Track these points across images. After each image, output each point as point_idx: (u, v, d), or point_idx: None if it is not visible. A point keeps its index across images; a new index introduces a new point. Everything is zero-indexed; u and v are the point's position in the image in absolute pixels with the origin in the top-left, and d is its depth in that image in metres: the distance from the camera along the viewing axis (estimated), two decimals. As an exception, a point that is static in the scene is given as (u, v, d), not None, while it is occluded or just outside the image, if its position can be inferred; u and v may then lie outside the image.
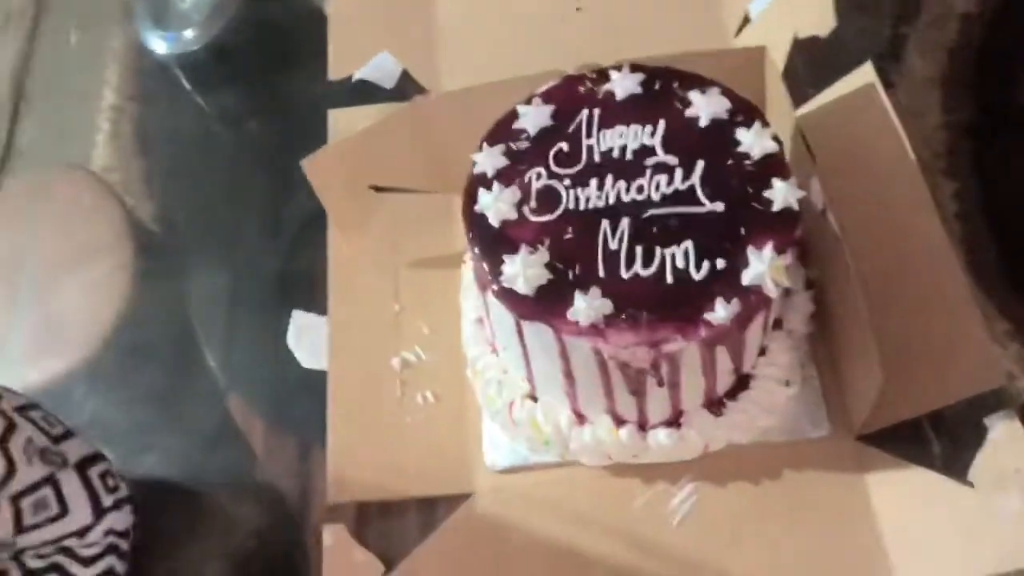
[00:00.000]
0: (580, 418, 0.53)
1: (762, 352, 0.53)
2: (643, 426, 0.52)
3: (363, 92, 0.71)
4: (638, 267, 0.47)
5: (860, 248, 0.52)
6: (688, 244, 0.47)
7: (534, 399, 0.54)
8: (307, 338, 0.63)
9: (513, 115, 0.53)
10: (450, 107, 0.61)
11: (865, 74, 0.62)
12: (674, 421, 0.52)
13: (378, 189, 0.65)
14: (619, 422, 0.52)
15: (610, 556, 0.53)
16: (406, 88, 0.71)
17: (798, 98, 0.63)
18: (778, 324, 0.54)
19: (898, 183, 0.59)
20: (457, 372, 0.59)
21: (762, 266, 0.46)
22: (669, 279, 0.46)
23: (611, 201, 0.49)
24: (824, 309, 0.56)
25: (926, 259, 0.56)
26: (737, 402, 0.52)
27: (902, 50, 0.95)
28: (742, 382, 0.53)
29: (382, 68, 0.73)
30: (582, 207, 0.49)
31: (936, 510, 0.51)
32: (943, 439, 0.53)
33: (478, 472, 0.57)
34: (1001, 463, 0.50)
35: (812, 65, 0.67)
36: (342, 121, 0.67)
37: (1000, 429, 0.50)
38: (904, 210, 0.58)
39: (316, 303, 0.63)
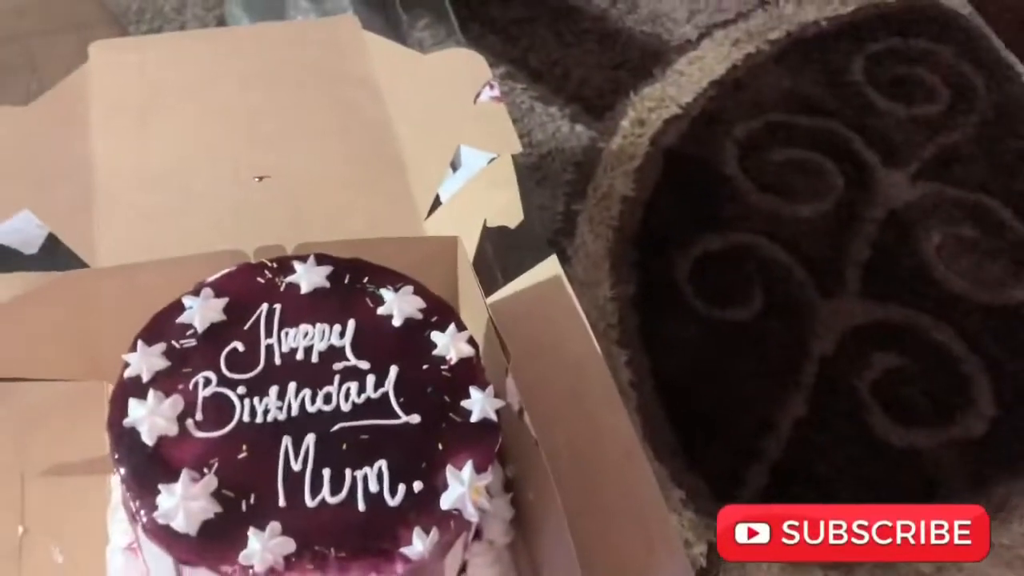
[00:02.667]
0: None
1: (462, 569, 0.49)
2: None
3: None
4: (325, 493, 0.41)
5: (555, 448, 0.50)
6: (382, 463, 0.42)
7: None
8: None
9: (177, 307, 0.46)
10: (103, 286, 0.52)
11: (550, 267, 0.63)
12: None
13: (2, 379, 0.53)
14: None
15: None
16: (54, 257, 0.60)
17: (487, 284, 0.62)
18: (477, 534, 0.50)
19: (587, 376, 0.59)
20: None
21: (462, 488, 0.42)
22: (361, 506, 0.41)
23: (294, 413, 0.43)
24: (524, 512, 0.53)
25: (617, 457, 0.55)
26: (437, 630, 0.47)
27: (575, 225, 1.02)
28: (441, 605, 0.48)
29: (22, 230, 0.62)
30: (259, 420, 0.43)
31: None
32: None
33: None
34: None
35: (500, 248, 0.67)
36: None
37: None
38: (594, 404, 0.58)
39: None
